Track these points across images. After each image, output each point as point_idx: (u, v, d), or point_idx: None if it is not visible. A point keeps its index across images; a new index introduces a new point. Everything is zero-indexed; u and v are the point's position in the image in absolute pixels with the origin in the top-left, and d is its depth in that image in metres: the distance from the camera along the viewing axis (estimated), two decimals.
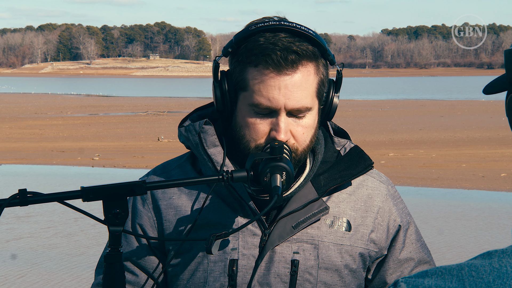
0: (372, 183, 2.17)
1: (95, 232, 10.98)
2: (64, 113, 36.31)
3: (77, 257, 9.80)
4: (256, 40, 2.00)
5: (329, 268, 2.07)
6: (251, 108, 2.01)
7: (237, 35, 2.04)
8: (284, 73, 1.98)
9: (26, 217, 11.91)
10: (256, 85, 1.99)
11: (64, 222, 11.79)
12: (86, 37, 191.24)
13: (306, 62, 2.00)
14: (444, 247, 10.29)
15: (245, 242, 2.06)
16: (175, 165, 2.18)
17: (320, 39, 2.02)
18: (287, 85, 1.98)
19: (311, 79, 2.01)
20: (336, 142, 2.17)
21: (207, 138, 2.08)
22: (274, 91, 1.98)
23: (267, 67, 1.98)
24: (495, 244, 10.69)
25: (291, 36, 2.00)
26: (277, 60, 1.97)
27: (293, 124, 2.01)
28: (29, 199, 1.76)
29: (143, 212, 2.13)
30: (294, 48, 1.98)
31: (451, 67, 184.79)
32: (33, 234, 11.06)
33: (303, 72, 1.99)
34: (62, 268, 9.29)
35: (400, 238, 2.16)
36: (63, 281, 8.75)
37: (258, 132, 2.01)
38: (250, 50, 2.00)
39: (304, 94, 2.00)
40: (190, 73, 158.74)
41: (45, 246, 10.43)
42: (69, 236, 10.99)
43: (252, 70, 2.00)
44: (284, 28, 2.00)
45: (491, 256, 1.05)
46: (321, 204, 2.08)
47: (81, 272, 8.93)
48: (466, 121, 27.57)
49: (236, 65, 2.03)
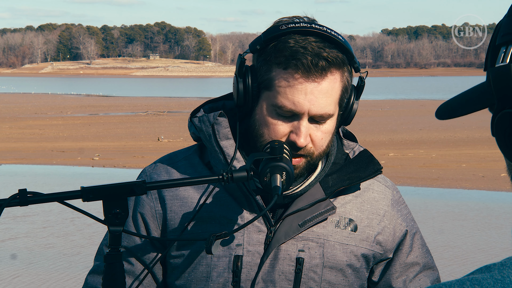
0: (378, 187, 2.18)
1: (91, 232, 10.98)
2: (64, 113, 36.31)
3: (73, 256, 9.81)
4: (286, 41, 1.98)
5: (334, 267, 2.08)
6: (274, 108, 2.00)
7: (267, 33, 2.02)
8: (312, 79, 1.97)
9: (23, 216, 11.90)
10: (282, 87, 1.99)
11: (61, 222, 11.78)
12: (86, 37, 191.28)
13: (335, 70, 1.99)
14: (444, 247, 10.29)
15: (250, 239, 2.06)
16: (182, 156, 2.17)
17: (348, 46, 2.02)
18: (313, 91, 1.98)
19: (337, 87, 2.01)
20: (345, 144, 2.18)
21: (220, 130, 2.07)
22: (300, 96, 1.98)
23: (297, 71, 1.97)
24: (495, 244, 10.69)
25: (321, 41, 1.98)
26: (307, 65, 1.96)
27: (314, 129, 2.01)
28: (29, 199, 1.76)
29: (146, 202, 2.13)
30: (324, 55, 1.97)
31: (451, 67, 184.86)
32: (29, 234, 11.06)
33: (330, 80, 1.99)
34: (58, 267, 9.29)
35: (407, 242, 2.17)
36: (59, 280, 8.75)
37: (277, 133, 2.00)
38: (279, 51, 1.99)
39: (328, 101, 2.00)
40: (190, 73, 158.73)
41: (41, 245, 10.43)
42: (65, 236, 10.98)
43: (280, 71, 1.99)
44: (315, 32, 1.99)
45: (490, 269, 1.05)
46: (328, 204, 2.08)
47: (77, 272, 8.94)
48: (466, 121, 27.55)
49: (263, 64, 2.02)
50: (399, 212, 2.19)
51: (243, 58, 2.04)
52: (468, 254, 10.15)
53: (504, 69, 1.09)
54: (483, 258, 9.89)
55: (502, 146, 1.12)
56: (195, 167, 2.13)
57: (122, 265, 1.82)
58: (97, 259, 2.17)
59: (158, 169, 2.17)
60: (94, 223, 11.36)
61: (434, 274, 2.21)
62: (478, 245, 10.65)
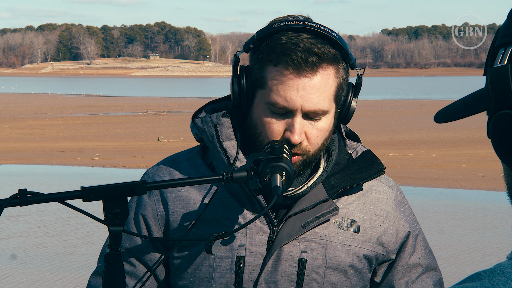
0: (381, 188, 2.17)
1: (85, 232, 10.97)
2: (64, 113, 36.30)
3: (66, 256, 9.79)
4: (278, 38, 1.98)
5: (336, 268, 2.08)
6: (268, 106, 2.00)
7: (260, 32, 2.02)
8: (304, 74, 1.97)
9: (17, 216, 11.88)
10: (275, 84, 1.99)
11: (55, 222, 11.77)
12: (86, 37, 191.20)
13: (327, 65, 1.99)
14: (444, 247, 10.28)
15: (253, 239, 2.06)
16: (184, 157, 2.17)
17: (343, 42, 2.01)
18: (305, 87, 1.97)
19: (330, 83, 2.00)
20: (348, 144, 2.17)
21: (223, 130, 2.07)
22: (292, 92, 1.97)
23: (287, 67, 1.97)
24: (495, 244, 10.69)
25: (314, 37, 1.98)
26: (298, 61, 1.96)
27: (309, 126, 2.00)
28: (29, 199, 1.76)
29: (148, 203, 2.13)
30: (315, 50, 1.96)
31: (451, 67, 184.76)
32: (23, 234, 11.04)
33: (322, 75, 1.98)
34: (50, 267, 9.27)
35: (410, 244, 2.17)
36: (50, 280, 8.73)
37: (273, 131, 2.00)
38: (271, 48, 1.99)
39: (321, 97, 1.99)
40: (190, 73, 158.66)
41: (34, 245, 10.41)
42: (58, 235, 10.97)
43: (272, 69, 1.99)
44: (308, 29, 1.99)
45: (480, 277, 1.05)
46: (330, 205, 2.08)
47: (69, 272, 8.93)
48: (466, 121, 27.53)
49: (256, 62, 2.02)
50: (402, 213, 2.18)
51: (237, 58, 2.04)
52: (470, 254, 10.15)
53: (502, 69, 1.09)
54: (482, 257, 9.89)
55: (497, 147, 1.11)
56: (197, 168, 2.13)
57: (122, 265, 1.81)
58: (100, 260, 2.17)
59: (161, 170, 2.16)
60: (88, 223, 11.36)
61: (437, 275, 2.21)
62: (481, 245, 10.64)
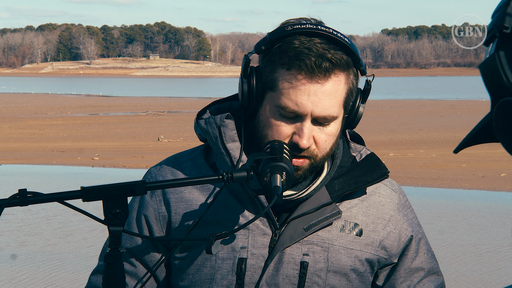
0: (385, 191, 2.17)
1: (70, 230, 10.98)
2: (64, 113, 36.30)
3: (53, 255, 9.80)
4: (291, 42, 1.97)
5: (338, 272, 2.07)
6: (277, 109, 1.99)
7: (272, 34, 2.01)
8: (316, 80, 1.96)
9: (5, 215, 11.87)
10: (286, 88, 1.97)
11: (37, 221, 11.78)
12: (86, 37, 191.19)
13: (339, 72, 1.98)
14: (443, 247, 10.28)
15: (255, 241, 2.05)
16: (187, 157, 2.17)
17: (354, 48, 2.00)
18: (317, 92, 1.96)
19: (341, 89, 2.00)
20: (352, 147, 2.17)
21: (226, 132, 2.06)
22: (303, 97, 1.96)
23: (300, 72, 1.96)
24: (494, 244, 10.69)
25: (327, 42, 1.97)
26: (311, 66, 1.95)
27: (317, 131, 2.00)
28: (29, 199, 1.76)
29: (150, 204, 2.13)
30: (328, 56, 1.95)
31: (451, 67, 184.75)
32: (3, 233, 11.03)
33: (334, 81, 1.98)
34: (33, 266, 9.27)
35: (413, 247, 2.16)
36: (34, 279, 8.73)
37: (280, 134, 1.99)
38: (284, 52, 1.98)
39: (332, 103, 1.98)
40: (190, 73, 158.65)
41: (18, 244, 10.41)
42: (38, 234, 10.98)
43: (283, 72, 1.98)
44: (321, 34, 1.98)
45: None
46: (333, 208, 2.07)
47: (53, 270, 8.94)
48: (466, 121, 27.56)
49: (267, 64, 2.01)
50: (405, 216, 2.17)
51: (248, 59, 2.03)
52: (470, 254, 10.15)
53: (490, 59, 1.09)
54: (482, 257, 9.89)
55: (501, 135, 1.12)
56: (200, 169, 2.12)
57: (122, 265, 1.81)
58: (101, 259, 2.17)
59: (163, 170, 2.16)
60: (71, 221, 11.30)
61: (439, 279, 2.20)
62: (480, 245, 10.64)
